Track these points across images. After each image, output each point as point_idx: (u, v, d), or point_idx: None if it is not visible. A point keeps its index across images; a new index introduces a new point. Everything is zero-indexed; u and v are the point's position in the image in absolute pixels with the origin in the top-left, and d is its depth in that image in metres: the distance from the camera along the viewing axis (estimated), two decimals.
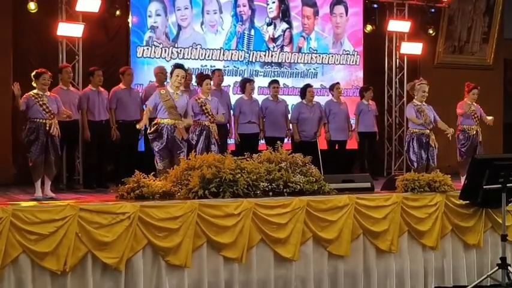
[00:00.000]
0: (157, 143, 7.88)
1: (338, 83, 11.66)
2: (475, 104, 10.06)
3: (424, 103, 8.99)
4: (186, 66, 10.17)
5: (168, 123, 7.90)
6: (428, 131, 8.89)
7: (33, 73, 8.21)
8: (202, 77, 9.03)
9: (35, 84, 8.18)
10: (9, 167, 10.58)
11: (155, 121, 7.96)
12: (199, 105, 8.63)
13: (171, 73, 8.11)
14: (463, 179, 8.58)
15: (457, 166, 9.84)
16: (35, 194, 8.02)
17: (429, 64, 13.87)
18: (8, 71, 10.61)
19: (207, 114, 8.62)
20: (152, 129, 7.92)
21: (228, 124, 10.38)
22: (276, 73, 12.03)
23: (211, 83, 9.19)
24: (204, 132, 8.61)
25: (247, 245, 6.03)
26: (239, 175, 6.17)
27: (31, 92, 8.13)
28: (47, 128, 8.05)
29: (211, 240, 5.93)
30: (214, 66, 11.32)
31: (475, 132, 9.90)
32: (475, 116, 9.95)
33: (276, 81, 11.09)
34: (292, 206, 6.23)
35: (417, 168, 8.37)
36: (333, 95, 11.49)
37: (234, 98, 10.87)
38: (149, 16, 11.13)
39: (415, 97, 9.05)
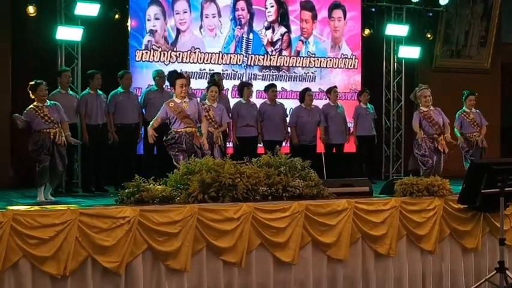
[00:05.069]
0: (174, 149, 7.82)
1: (335, 86, 11.69)
2: (474, 110, 10.03)
3: (431, 107, 8.96)
4: (184, 70, 10.25)
5: (186, 131, 7.87)
6: (437, 136, 8.87)
7: (29, 86, 8.14)
8: (210, 83, 8.94)
9: (33, 97, 8.15)
10: (7, 170, 10.58)
11: (172, 131, 7.90)
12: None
13: (173, 85, 8.01)
14: None
15: (456, 171, 9.81)
16: (37, 199, 7.96)
17: (427, 68, 13.91)
18: (7, 74, 10.63)
19: (210, 121, 8.61)
20: (169, 136, 7.88)
21: (227, 128, 10.40)
22: (274, 77, 12.05)
23: (217, 90, 9.13)
24: (208, 138, 8.60)
25: (246, 249, 6.03)
26: (238, 179, 6.17)
27: (31, 106, 8.11)
28: (52, 137, 8.05)
29: (211, 244, 5.93)
30: (212, 70, 11.36)
31: (477, 138, 9.88)
32: (475, 123, 9.94)
33: (274, 85, 11.09)
34: (292, 210, 6.22)
35: (426, 170, 8.31)
36: (329, 99, 11.51)
37: (232, 102, 10.88)
38: (148, 20, 11.15)
39: (420, 104, 9.03)
